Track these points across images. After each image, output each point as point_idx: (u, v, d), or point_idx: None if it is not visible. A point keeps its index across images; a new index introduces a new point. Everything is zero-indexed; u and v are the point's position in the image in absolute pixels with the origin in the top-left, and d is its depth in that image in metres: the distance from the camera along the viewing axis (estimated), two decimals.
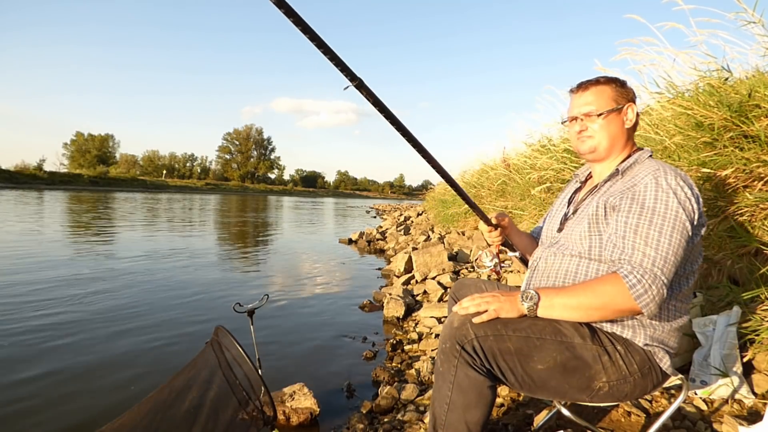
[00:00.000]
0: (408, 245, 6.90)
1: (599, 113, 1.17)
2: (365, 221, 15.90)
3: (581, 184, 1.38)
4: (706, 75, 2.44)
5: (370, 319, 3.42)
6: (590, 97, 1.19)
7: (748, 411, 1.43)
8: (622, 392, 1.05)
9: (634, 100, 1.21)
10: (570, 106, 1.26)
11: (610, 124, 1.18)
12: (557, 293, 1.04)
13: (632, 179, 1.11)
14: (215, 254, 6.67)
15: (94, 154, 69.36)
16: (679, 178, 1.04)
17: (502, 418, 1.63)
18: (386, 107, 0.93)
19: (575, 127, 1.22)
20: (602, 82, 1.20)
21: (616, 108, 1.17)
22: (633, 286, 0.95)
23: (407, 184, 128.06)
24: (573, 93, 1.25)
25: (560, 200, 1.43)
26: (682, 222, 0.99)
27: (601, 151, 1.20)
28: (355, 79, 0.78)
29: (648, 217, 1.00)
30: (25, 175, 39.82)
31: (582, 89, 1.21)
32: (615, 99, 1.18)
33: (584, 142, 1.21)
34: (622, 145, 1.20)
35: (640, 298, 0.94)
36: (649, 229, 0.99)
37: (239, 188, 71.83)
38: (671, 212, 1.00)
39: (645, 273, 0.95)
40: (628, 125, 1.20)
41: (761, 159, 1.84)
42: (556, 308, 1.03)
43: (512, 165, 5.90)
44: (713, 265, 1.96)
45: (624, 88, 1.20)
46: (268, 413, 1.27)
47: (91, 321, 3.04)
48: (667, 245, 0.97)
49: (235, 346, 1.30)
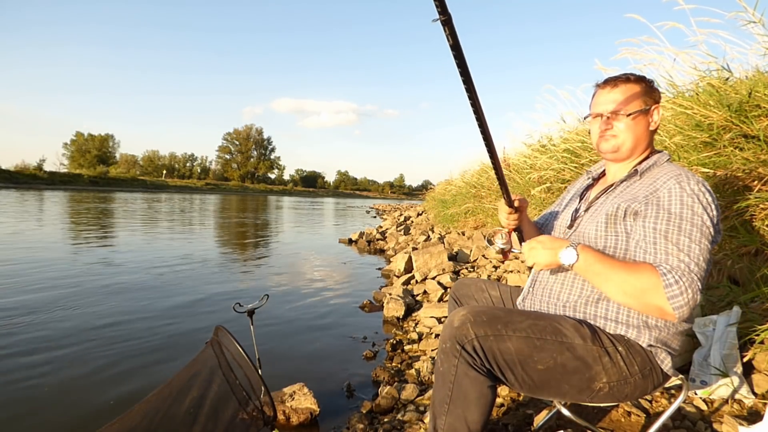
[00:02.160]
0: (408, 245, 6.90)
1: (628, 113, 1.13)
2: (365, 221, 15.89)
3: (594, 181, 1.35)
4: (706, 75, 2.44)
5: (370, 319, 3.42)
6: (619, 95, 1.14)
7: (748, 411, 1.43)
8: (623, 393, 1.05)
9: (659, 101, 1.17)
10: (595, 100, 1.20)
11: (637, 125, 1.14)
12: (597, 260, 1.03)
13: (653, 183, 1.09)
14: (215, 254, 6.67)
15: (94, 154, 69.38)
16: (701, 184, 1.04)
17: (502, 418, 1.63)
18: (464, 58, 0.79)
19: (599, 123, 1.18)
20: (632, 80, 1.15)
21: (645, 109, 1.13)
22: (669, 285, 0.93)
23: (407, 184, 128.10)
24: (600, 88, 1.19)
25: (570, 194, 1.41)
26: (708, 227, 0.99)
27: (624, 152, 1.17)
28: (445, 14, 0.71)
29: (677, 222, 0.99)
30: (25, 175, 39.83)
31: (611, 85, 1.16)
32: (644, 100, 1.13)
33: (608, 141, 1.17)
34: (644, 147, 1.18)
35: (674, 299, 0.93)
36: (679, 235, 0.98)
37: (239, 188, 71.85)
38: (698, 218, 0.99)
39: (683, 275, 0.94)
40: (653, 127, 1.16)
41: (761, 159, 1.84)
42: (590, 273, 1.04)
43: (512, 165, 5.90)
44: (713, 265, 1.96)
45: (653, 88, 1.16)
46: (268, 413, 1.27)
47: (90, 321, 3.04)
48: (698, 251, 0.97)
49: (235, 346, 1.30)
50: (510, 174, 5.77)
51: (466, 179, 8.83)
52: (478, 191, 7.39)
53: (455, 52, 0.77)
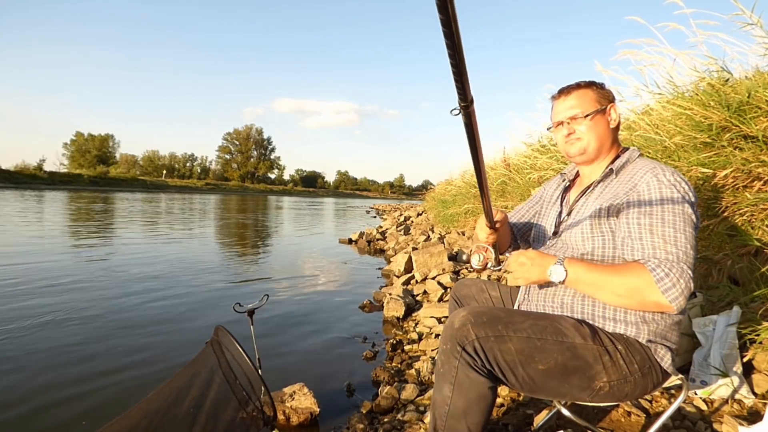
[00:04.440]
0: (408, 245, 6.90)
1: (585, 115, 1.19)
2: (365, 221, 15.89)
3: (570, 183, 1.38)
4: (706, 75, 2.44)
5: (370, 319, 3.42)
6: (574, 101, 1.21)
7: (748, 411, 1.43)
8: (623, 392, 1.05)
9: (614, 100, 1.23)
10: (554, 111, 1.28)
11: (596, 125, 1.19)
12: (586, 271, 1.05)
13: (631, 179, 1.12)
14: (215, 254, 6.67)
15: (94, 154, 69.43)
16: (676, 174, 1.07)
17: (502, 418, 1.63)
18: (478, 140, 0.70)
19: (562, 131, 1.24)
20: (583, 85, 1.22)
21: (600, 109, 1.19)
22: (660, 279, 0.96)
23: (407, 184, 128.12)
24: (555, 99, 1.27)
25: (547, 198, 1.43)
26: (689, 215, 1.02)
27: (591, 152, 1.21)
28: (467, 101, 0.61)
29: (659, 215, 1.02)
30: (25, 175, 39.86)
31: (564, 94, 1.24)
32: (598, 100, 1.20)
33: (573, 145, 1.22)
34: (609, 145, 1.22)
35: (668, 292, 0.95)
36: (664, 227, 1.01)
37: (239, 188, 71.89)
38: (678, 207, 1.02)
39: (672, 267, 0.96)
40: (613, 125, 1.22)
41: (760, 159, 1.84)
42: (581, 284, 1.06)
43: (512, 165, 5.91)
44: (713, 265, 1.96)
45: (604, 89, 1.23)
46: (268, 413, 1.27)
47: (90, 321, 3.04)
48: (684, 240, 0.99)
49: (235, 346, 1.31)
50: (510, 174, 5.78)
51: (466, 179, 8.84)
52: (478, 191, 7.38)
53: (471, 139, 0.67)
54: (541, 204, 1.45)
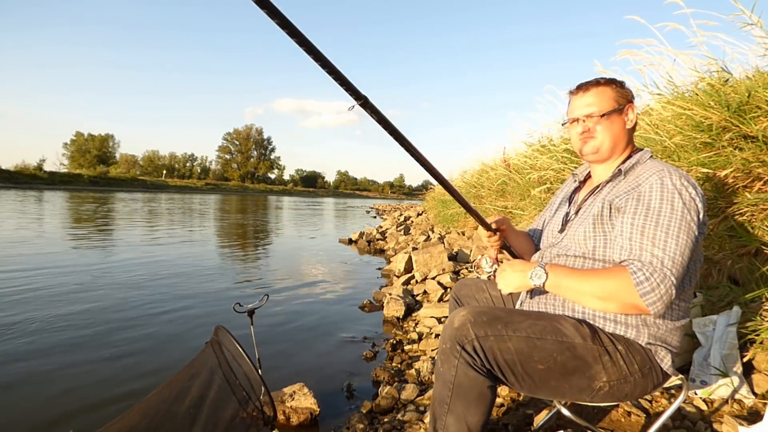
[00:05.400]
0: (408, 245, 6.90)
1: (602, 114, 1.17)
2: (365, 221, 15.89)
3: (580, 184, 1.37)
4: (706, 76, 2.44)
5: (370, 319, 3.42)
6: (591, 98, 1.19)
7: (748, 411, 1.43)
8: (623, 392, 1.05)
9: (633, 101, 1.21)
10: (570, 107, 1.25)
11: (612, 124, 1.17)
12: (566, 275, 1.05)
13: (636, 180, 1.11)
14: (215, 254, 6.67)
15: (94, 154, 69.42)
16: (684, 179, 1.04)
17: (502, 418, 1.63)
18: (391, 124, 0.88)
19: (577, 128, 1.22)
20: (602, 83, 1.19)
21: (618, 108, 1.17)
22: (640, 283, 0.95)
23: (407, 184, 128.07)
24: (573, 94, 1.24)
25: (559, 199, 1.43)
26: (687, 222, 0.99)
27: (604, 152, 1.20)
28: (360, 98, 0.77)
29: (654, 218, 1.00)
30: (25, 175, 39.86)
31: (582, 90, 1.21)
32: (616, 99, 1.17)
33: (587, 143, 1.20)
34: (624, 145, 1.20)
35: (646, 296, 0.94)
36: (656, 230, 0.99)
37: (239, 188, 71.91)
38: (677, 213, 1.00)
39: (654, 272, 0.95)
40: (629, 125, 1.20)
41: (760, 159, 1.84)
42: (562, 289, 1.06)
43: (512, 165, 5.90)
44: (713, 265, 1.96)
45: (623, 88, 1.20)
46: (268, 413, 1.27)
47: (89, 321, 3.04)
48: (674, 246, 0.97)
49: (235, 346, 1.30)
50: (510, 174, 5.77)
51: (466, 179, 8.82)
52: (478, 191, 7.38)
53: (383, 124, 0.88)
54: (553, 205, 1.45)
